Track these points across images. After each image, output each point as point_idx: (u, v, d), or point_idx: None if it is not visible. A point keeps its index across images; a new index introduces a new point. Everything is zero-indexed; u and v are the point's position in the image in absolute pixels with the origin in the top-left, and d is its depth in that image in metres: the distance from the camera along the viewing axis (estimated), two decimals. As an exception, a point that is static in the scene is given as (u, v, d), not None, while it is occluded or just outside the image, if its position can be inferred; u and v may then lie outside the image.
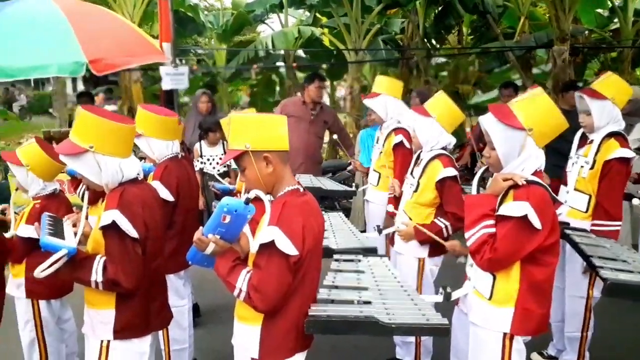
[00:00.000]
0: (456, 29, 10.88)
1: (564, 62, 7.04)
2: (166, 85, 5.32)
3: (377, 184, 4.00)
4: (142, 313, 2.26)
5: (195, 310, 4.08)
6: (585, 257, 2.62)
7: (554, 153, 3.23)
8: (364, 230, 3.91)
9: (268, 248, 1.86)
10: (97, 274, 2.12)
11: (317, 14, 11.06)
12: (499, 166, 2.24)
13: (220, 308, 4.31)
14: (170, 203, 3.07)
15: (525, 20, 9.19)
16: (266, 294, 1.86)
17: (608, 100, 3.04)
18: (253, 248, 1.93)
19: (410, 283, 2.62)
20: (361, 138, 5.64)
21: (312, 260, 1.98)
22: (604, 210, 3.03)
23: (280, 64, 11.38)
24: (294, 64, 10.52)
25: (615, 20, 9.44)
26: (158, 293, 2.41)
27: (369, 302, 2.14)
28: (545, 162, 2.24)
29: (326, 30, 10.53)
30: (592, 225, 3.06)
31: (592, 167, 3.07)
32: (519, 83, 7.96)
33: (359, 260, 2.68)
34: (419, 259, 3.15)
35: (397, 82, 4.15)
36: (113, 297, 2.21)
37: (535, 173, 2.20)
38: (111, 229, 2.12)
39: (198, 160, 5.01)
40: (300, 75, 11.44)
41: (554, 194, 2.23)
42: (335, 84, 13.53)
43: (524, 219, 2.10)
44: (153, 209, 2.30)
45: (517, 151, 2.18)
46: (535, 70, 10.00)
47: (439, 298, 2.35)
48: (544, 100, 2.21)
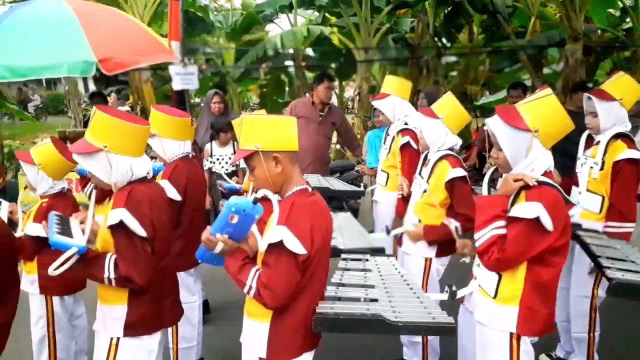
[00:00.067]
0: (466, 28, 10.81)
1: (576, 61, 6.99)
2: (177, 85, 5.35)
3: (386, 184, 4.01)
4: (154, 309, 2.29)
5: (205, 306, 4.12)
6: (593, 257, 2.62)
7: (561, 154, 3.22)
8: (372, 231, 3.92)
9: (277, 247, 1.88)
10: (109, 271, 2.16)
11: (327, 14, 11.05)
12: (508, 167, 2.25)
13: (229, 305, 4.33)
14: (178, 202, 3.09)
15: (536, 20, 9.14)
16: (275, 291, 1.88)
17: (616, 101, 3.03)
18: (262, 247, 1.95)
19: (416, 282, 2.62)
20: (369, 139, 5.66)
21: (321, 259, 2.00)
22: (618, 211, 3.02)
23: (289, 63, 11.37)
24: (303, 64, 10.51)
25: (628, 19, 9.36)
26: (169, 290, 2.45)
27: (375, 300, 2.15)
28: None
29: (335, 29, 10.50)
30: (605, 226, 3.05)
31: (601, 168, 3.07)
32: (528, 83, 7.91)
33: (366, 260, 2.70)
34: (425, 258, 3.16)
35: (406, 82, 4.15)
36: (126, 294, 2.24)
37: (545, 173, 2.20)
38: (119, 228, 2.15)
39: (208, 160, 5.06)
40: (310, 75, 11.45)
41: (566, 195, 2.23)
42: (344, 85, 13.50)
43: (536, 220, 2.09)
44: (160, 208, 2.32)
45: (524, 152, 2.18)
46: (546, 70, 9.92)
47: (445, 296, 2.36)
48: (551, 102, 2.21)
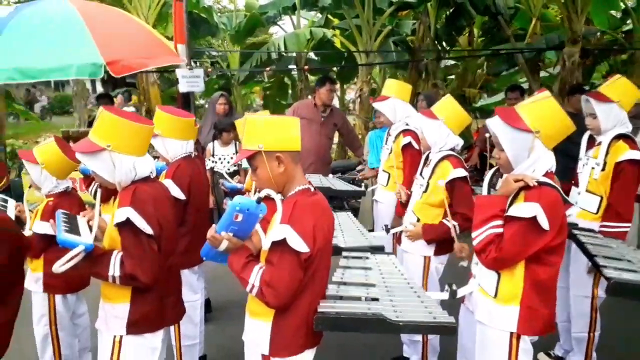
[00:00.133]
0: (467, 30, 10.85)
1: (573, 64, 7.01)
2: (183, 87, 5.41)
3: (387, 184, 4.05)
4: (156, 307, 2.31)
5: (207, 305, 4.14)
6: (589, 256, 2.64)
7: (562, 155, 3.25)
8: (372, 230, 3.95)
9: (280, 245, 1.91)
10: (114, 269, 2.18)
11: (329, 16, 11.11)
12: (509, 167, 2.26)
13: (231, 304, 4.36)
14: (182, 201, 3.12)
15: (537, 22, 9.15)
16: (278, 289, 1.91)
17: (614, 103, 3.06)
18: (265, 245, 1.97)
19: (416, 280, 2.65)
20: (370, 139, 5.70)
21: (322, 258, 2.02)
22: (616, 211, 3.05)
23: (292, 66, 11.45)
24: (306, 67, 10.56)
25: (629, 21, 9.36)
26: (173, 288, 2.47)
27: (376, 299, 2.16)
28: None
29: (338, 32, 10.56)
30: (602, 226, 3.07)
31: (603, 169, 3.09)
32: (525, 86, 7.93)
33: (366, 258, 2.72)
34: (424, 257, 3.18)
35: (406, 85, 4.20)
36: (129, 292, 2.25)
37: (547, 174, 2.21)
38: (126, 226, 2.17)
39: (210, 159, 5.10)
40: (312, 78, 11.50)
41: (565, 196, 2.24)
42: (345, 87, 13.56)
43: (533, 220, 2.11)
44: (165, 207, 2.35)
45: (526, 153, 2.20)
46: (542, 73, 9.93)
47: (445, 295, 2.37)
48: (550, 103, 2.23)
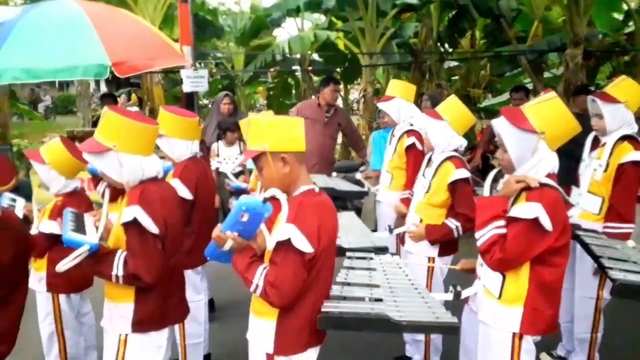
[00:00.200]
0: (469, 32, 10.88)
1: (576, 65, 7.01)
2: (187, 87, 5.43)
3: (390, 184, 4.06)
4: (160, 307, 2.32)
5: (211, 305, 4.16)
6: (595, 257, 2.64)
7: (566, 156, 3.25)
8: (375, 230, 3.96)
9: (284, 245, 1.92)
10: (118, 268, 2.19)
11: (333, 18, 11.15)
12: (512, 168, 2.27)
13: (235, 303, 4.37)
14: (189, 201, 3.14)
15: (539, 24, 9.16)
16: (282, 289, 1.92)
17: (621, 103, 3.06)
18: (270, 245, 1.98)
19: (420, 281, 2.65)
20: (373, 139, 5.69)
21: (327, 258, 2.03)
22: (617, 213, 3.04)
23: (296, 67, 11.50)
24: (309, 68, 10.61)
25: (631, 23, 9.37)
26: (176, 288, 2.48)
27: (380, 300, 2.17)
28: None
29: (341, 34, 10.60)
30: (605, 227, 3.07)
31: (605, 170, 3.09)
32: (530, 87, 7.93)
33: (370, 259, 2.73)
34: (429, 258, 3.19)
35: (410, 85, 4.21)
36: (132, 291, 2.26)
37: (549, 176, 2.22)
38: (132, 225, 2.18)
39: (215, 160, 5.11)
40: (316, 79, 11.54)
41: (566, 196, 2.25)
42: (349, 87, 13.60)
43: (535, 220, 2.11)
44: (172, 206, 2.37)
45: (529, 154, 2.20)
46: (546, 74, 9.95)
47: (449, 296, 2.37)
48: (557, 104, 2.23)
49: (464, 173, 3.07)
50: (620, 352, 3.51)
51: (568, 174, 3.23)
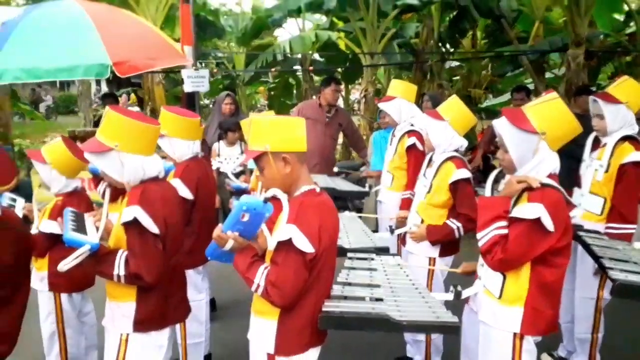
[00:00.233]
0: (470, 33, 10.88)
1: (578, 66, 7.01)
2: (188, 87, 5.44)
3: (391, 185, 4.06)
4: (161, 306, 2.32)
5: (212, 304, 4.16)
6: (595, 258, 2.64)
7: (566, 157, 3.25)
8: (375, 230, 3.96)
9: (285, 245, 1.92)
10: (119, 268, 2.20)
11: (334, 19, 11.16)
12: (513, 169, 2.27)
13: (236, 303, 4.38)
14: (189, 201, 3.14)
15: (540, 24, 9.16)
16: (283, 289, 1.92)
17: (622, 104, 3.06)
18: (271, 245, 1.99)
19: (420, 281, 2.66)
20: (374, 140, 5.69)
21: (328, 258, 2.03)
22: (619, 213, 3.04)
23: (297, 67, 11.52)
24: (310, 68, 10.62)
25: (632, 24, 9.37)
26: (177, 287, 2.48)
27: (380, 299, 2.17)
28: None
29: (342, 35, 10.61)
30: (607, 228, 3.07)
31: (606, 171, 3.09)
32: (531, 87, 7.93)
33: (371, 259, 2.73)
34: (429, 258, 3.19)
35: (411, 86, 4.21)
36: (134, 290, 2.27)
37: (550, 176, 2.22)
38: (132, 225, 2.19)
39: (215, 160, 5.12)
40: (317, 79, 11.55)
41: (568, 197, 2.25)
42: (350, 88, 13.61)
43: (537, 221, 2.11)
44: (173, 206, 2.37)
45: (530, 154, 2.20)
46: (547, 75, 9.95)
47: (450, 296, 2.37)
48: (558, 105, 2.23)
49: (465, 173, 3.07)
50: (620, 352, 3.51)
51: (569, 175, 3.23)
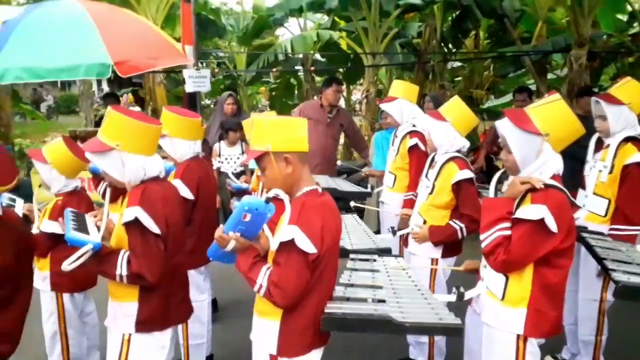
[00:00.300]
0: (473, 33, 10.86)
1: (580, 66, 6.99)
2: (189, 87, 5.44)
3: (393, 185, 4.05)
4: (163, 306, 2.32)
5: (214, 305, 4.15)
6: (598, 259, 2.63)
7: (569, 158, 3.23)
8: (377, 232, 3.95)
9: (288, 246, 1.92)
10: (121, 268, 2.20)
11: (336, 18, 11.15)
12: (517, 170, 2.26)
13: (238, 304, 4.37)
14: (190, 201, 3.14)
15: (543, 25, 9.14)
16: (286, 289, 1.92)
17: (624, 105, 3.05)
18: (273, 246, 1.98)
19: (423, 283, 2.65)
20: (376, 140, 5.69)
21: (330, 259, 2.03)
22: (624, 214, 3.03)
23: (298, 67, 11.51)
24: (312, 68, 10.61)
25: (635, 24, 9.35)
26: (179, 288, 2.48)
27: (383, 301, 2.17)
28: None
29: (344, 34, 10.60)
30: (611, 229, 3.06)
31: (610, 172, 3.08)
32: (533, 88, 7.91)
33: (374, 260, 2.72)
34: (432, 259, 3.18)
35: (413, 86, 4.20)
36: (136, 290, 2.27)
37: (554, 177, 2.21)
38: (133, 225, 2.19)
39: (216, 159, 5.12)
40: (318, 79, 11.53)
41: (572, 198, 2.24)
42: (352, 88, 13.59)
43: (540, 222, 2.10)
44: (173, 206, 2.37)
45: (534, 155, 2.19)
46: (550, 76, 9.92)
47: (452, 298, 2.37)
48: (561, 106, 2.22)
49: (467, 173, 3.06)
50: (621, 353, 3.50)
51: (572, 176, 3.21)
